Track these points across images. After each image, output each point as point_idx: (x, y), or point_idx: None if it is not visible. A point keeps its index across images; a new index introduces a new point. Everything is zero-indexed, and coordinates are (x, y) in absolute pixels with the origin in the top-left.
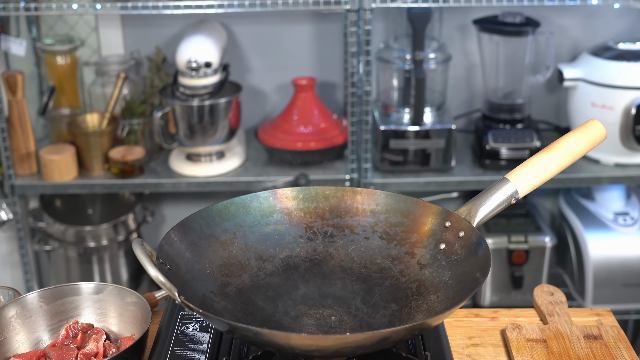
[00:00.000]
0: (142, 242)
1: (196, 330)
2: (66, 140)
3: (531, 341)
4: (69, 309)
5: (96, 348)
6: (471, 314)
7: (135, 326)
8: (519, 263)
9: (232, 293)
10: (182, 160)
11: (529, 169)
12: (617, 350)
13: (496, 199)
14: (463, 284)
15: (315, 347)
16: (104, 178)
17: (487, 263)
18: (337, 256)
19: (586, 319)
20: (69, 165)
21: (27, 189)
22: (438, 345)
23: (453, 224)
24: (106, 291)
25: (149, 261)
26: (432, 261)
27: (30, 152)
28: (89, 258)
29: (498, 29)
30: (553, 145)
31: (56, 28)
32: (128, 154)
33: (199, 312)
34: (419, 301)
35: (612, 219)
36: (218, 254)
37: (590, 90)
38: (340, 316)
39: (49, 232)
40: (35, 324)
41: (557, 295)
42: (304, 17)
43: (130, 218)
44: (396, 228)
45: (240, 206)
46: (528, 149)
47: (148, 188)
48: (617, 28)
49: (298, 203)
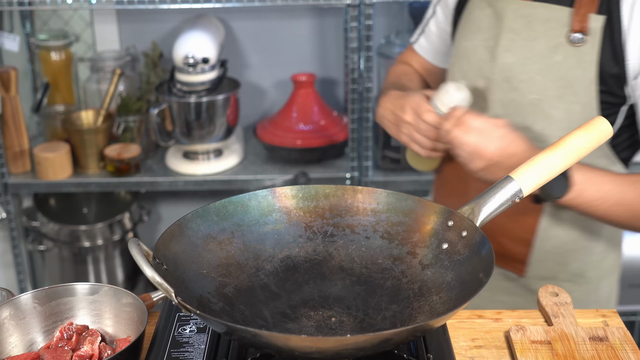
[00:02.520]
0: (138, 242)
1: (193, 332)
2: (61, 137)
3: (536, 343)
4: (63, 310)
5: (91, 350)
6: (474, 315)
7: (131, 328)
8: None
9: (230, 294)
10: (179, 158)
11: (534, 167)
12: (623, 353)
13: (500, 197)
14: (466, 284)
15: (315, 349)
16: (99, 176)
17: (490, 263)
18: (337, 256)
19: (592, 320)
20: (64, 163)
21: (20, 188)
22: (440, 347)
23: (456, 223)
24: (101, 292)
25: (145, 261)
26: (434, 261)
27: (24, 150)
28: (84, 258)
29: None
30: (558, 143)
31: (50, 23)
32: (124, 151)
33: (196, 313)
34: (421, 302)
35: None
36: (216, 254)
37: None
38: (341, 317)
39: (43, 232)
40: (29, 325)
41: (562, 296)
42: (304, 12)
43: (126, 217)
44: (397, 227)
45: (238, 205)
46: None
47: (144, 186)
48: None
49: (297, 202)
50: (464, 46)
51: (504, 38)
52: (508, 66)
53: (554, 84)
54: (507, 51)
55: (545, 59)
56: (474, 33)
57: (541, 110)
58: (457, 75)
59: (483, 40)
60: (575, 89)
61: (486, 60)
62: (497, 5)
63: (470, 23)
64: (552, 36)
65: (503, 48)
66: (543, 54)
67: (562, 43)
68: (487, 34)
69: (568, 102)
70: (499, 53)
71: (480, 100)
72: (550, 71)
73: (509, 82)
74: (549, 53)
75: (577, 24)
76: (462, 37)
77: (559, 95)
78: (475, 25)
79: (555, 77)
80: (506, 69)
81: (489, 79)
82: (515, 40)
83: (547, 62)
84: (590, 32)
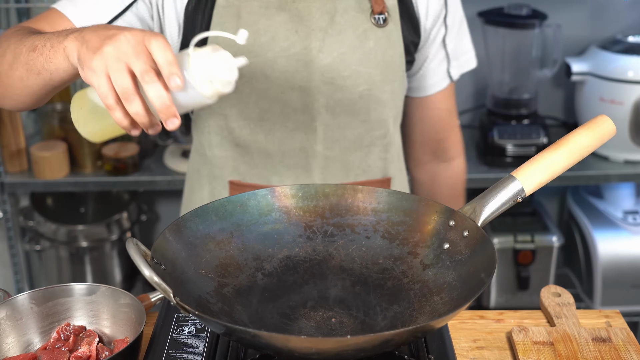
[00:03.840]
0: (136, 242)
1: (192, 333)
2: (58, 136)
3: (538, 344)
4: (60, 311)
5: (88, 351)
6: (476, 315)
7: (129, 328)
8: (525, 263)
9: (229, 294)
10: (178, 157)
11: (536, 166)
12: (626, 354)
13: (502, 197)
14: (467, 284)
15: (315, 350)
16: (97, 175)
17: (492, 263)
18: (337, 256)
19: (595, 321)
20: (61, 162)
21: (17, 187)
22: (442, 348)
23: (457, 222)
24: (99, 292)
25: (143, 261)
26: (435, 261)
27: (20, 149)
28: (81, 258)
29: (504, 21)
30: (560, 142)
31: None
32: (122, 150)
33: (195, 313)
34: (422, 303)
35: (622, 217)
36: (214, 254)
37: (599, 84)
38: (341, 318)
39: (40, 231)
40: (25, 326)
41: (564, 297)
42: None
43: (124, 217)
44: (398, 227)
45: (237, 204)
46: (535, 145)
47: (142, 186)
48: (626, 21)
49: (297, 201)
50: (249, 67)
51: (314, 39)
52: (327, 67)
53: (376, 70)
54: (320, 52)
55: (359, 49)
56: (267, 45)
57: (373, 98)
58: (245, 112)
59: (282, 50)
60: (393, 68)
61: (295, 70)
62: (298, 7)
63: (259, 35)
64: (356, 24)
65: (316, 50)
66: (355, 44)
67: (369, 28)
68: (285, 42)
69: (391, 81)
70: (313, 56)
71: (301, 114)
72: (367, 59)
73: (333, 83)
74: (361, 42)
75: (377, 6)
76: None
77: (383, 78)
78: (266, 35)
79: (374, 63)
80: (326, 71)
81: (304, 87)
82: (324, 39)
83: (362, 51)
84: (389, 10)
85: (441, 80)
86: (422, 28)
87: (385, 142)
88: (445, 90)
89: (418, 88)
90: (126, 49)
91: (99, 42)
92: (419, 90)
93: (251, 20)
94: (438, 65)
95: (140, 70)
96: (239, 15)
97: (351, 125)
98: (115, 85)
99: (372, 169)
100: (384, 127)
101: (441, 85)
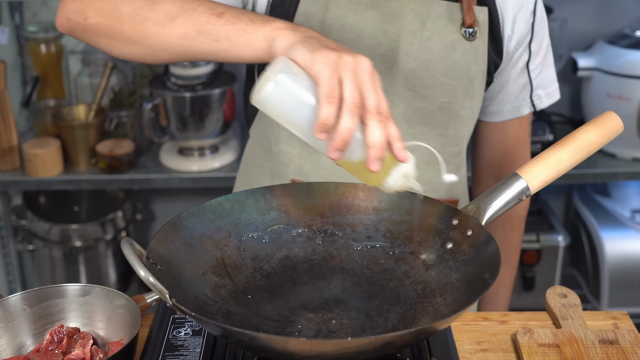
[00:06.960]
0: (131, 242)
1: (188, 335)
2: (51, 133)
3: (543, 346)
4: (53, 312)
5: (82, 353)
6: (480, 317)
7: (124, 330)
8: (530, 263)
9: (226, 295)
10: (174, 155)
11: (541, 164)
12: (634, 356)
13: (506, 195)
14: (471, 285)
15: (315, 352)
16: (91, 173)
17: (496, 263)
18: (337, 256)
19: (602, 322)
20: (54, 160)
21: (9, 185)
22: (445, 350)
23: (460, 222)
24: (93, 293)
25: (139, 261)
26: (438, 261)
27: (12, 146)
28: (75, 258)
29: None
30: (567, 139)
31: (40, 14)
32: (116, 148)
33: (192, 315)
34: (424, 304)
35: (629, 216)
36: (212, 254)
37: (606, 80)
38: (341, 320)
39: (32, 231)
40: (18, 328)
41: (570, 298)
42: None
43: (119, 216)
44: (400, 226)
45: (235, 203)
46: (540, 142)
47: (137, 184)
48: (634, 14)
49: (296, 200)
50: None
51: (403, 42)
52: (411, 72)
53: (459, 83)
54: (407, 56)
55: (446, 59)
56: (352, 42)
57: (453, 112)
58: None
59: (367, 49)
60: (476, 85)
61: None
62: (391, 5)
63: (345, 31)
64: (445, 33)
65: (403, 53)
66: (442, 54)
67: (457, 39)
68: (371, 41)
69: (471, 98)
70: (399, 59)
71: None
72: (453, 70)
73: (414, 90)
74: (448, 52)
75: (468, 18)
76: None
77: (465, 93)
78: (352, 32)
79: (459, 76)
80: (410, 76)
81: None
82: (413, 43)
83: (448, 61)
84: (480, 25)
85: (521, 107)
86: (505, 49)
87: (459, 161)
88: (523, 117)
89: (494, 112)
90: (363, 73)
91: (333, 45)
92: (494, 115)
93: (339, 13)
94: (520, 91)
95: (373, 106)
96: (327, 7)
97: (427, 138)
98: (345, 91)
99: (442, 187)
100: (459, 145)
101: (520, 112)
